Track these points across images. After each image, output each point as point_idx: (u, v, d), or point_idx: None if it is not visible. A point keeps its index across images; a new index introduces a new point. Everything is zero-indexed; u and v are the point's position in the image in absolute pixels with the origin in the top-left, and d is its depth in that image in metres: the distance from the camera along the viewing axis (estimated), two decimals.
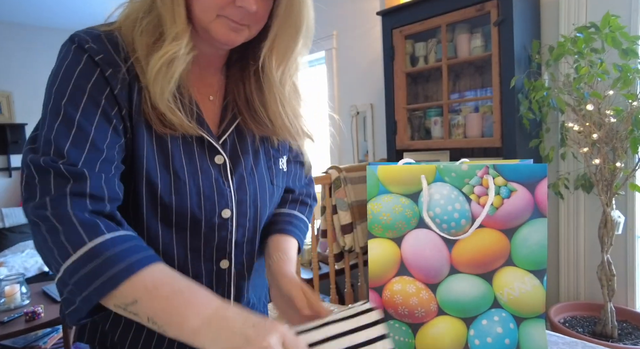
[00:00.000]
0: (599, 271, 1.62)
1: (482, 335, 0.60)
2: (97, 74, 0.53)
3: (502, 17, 1.71)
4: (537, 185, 0.57)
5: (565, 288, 1.90)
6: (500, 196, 0.58)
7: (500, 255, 0.59)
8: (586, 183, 1.69)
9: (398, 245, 0.61)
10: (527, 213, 0.58)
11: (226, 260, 0.64)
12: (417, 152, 2.14)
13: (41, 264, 3.11)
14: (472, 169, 0.57)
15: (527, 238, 0.58)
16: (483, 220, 0.58)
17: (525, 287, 0.59)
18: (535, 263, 0.58)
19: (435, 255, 0.60)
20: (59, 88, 0.52)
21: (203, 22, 0.55)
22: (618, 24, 1.52)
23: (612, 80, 1.54)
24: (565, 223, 1.89)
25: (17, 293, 2.30)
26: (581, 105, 1.61)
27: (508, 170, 0.57)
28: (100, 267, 0.46)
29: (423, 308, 0.61)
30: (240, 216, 0.63)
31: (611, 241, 1.60)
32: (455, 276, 0.60)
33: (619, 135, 1.56)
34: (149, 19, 0.55)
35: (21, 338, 2.48)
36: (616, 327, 1.59)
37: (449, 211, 0.58)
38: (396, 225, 0.60)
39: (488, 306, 0.60)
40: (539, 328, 0.59)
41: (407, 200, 0.59)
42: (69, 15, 3.71)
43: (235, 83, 0.66)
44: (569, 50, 1.61)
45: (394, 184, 0.60)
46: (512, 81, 1.67)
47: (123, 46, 0.55)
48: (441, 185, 0.58)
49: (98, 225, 0.48)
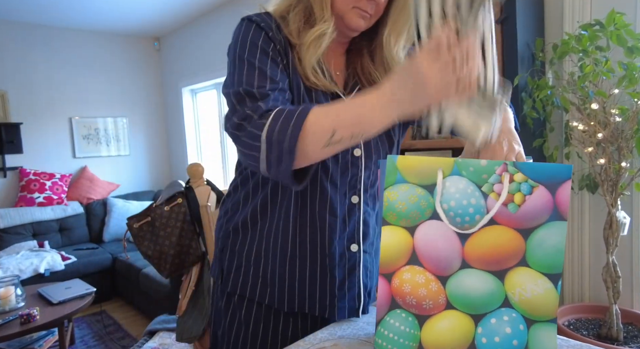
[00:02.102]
0: (604, 273, 1.60)
1: (490, 334, 0.59)
2: (264, 35, 0.72)
3: (505, 14, 1.69)
4: (559, 186, 0.56)
5: (570, 290, 1.88)
6: (521, 193, 0.57)
7: (514, 254, 0.58)
8: (591, 183, 1.67)
9: (411, 234, 0.61)
10: (546, 215, 0.56)
11: (356, 196, 0.80)
12: (418, 152, 2.11)
13: (36, 266, 3.09)
14: (490, 165, 0.58)
15: (544, 240, 0.57)
16: (499, 218, 0.58)
17: (538, 289, 0.57)
18: (550, 266, 0.57)
19: (447, 247, 0.60)
20: (240, 49, 0.71)
21: (341, 11, 0.73)
22: (623, 21, 1.50)
23: (617, 79, 1.52)
24: (569, 224, 1.87)
25: (12, 295, 2.29)
26: (586, 104, 1.59)
27: (531, 169, 0.56)
28: (287, 118, 0.62)
29: (431, 300, 0.60)
30: (367, 158, 0.80)
31: (616, 242, 1.58)
32: (467, 271, 0.60)
33: (624, 135, 1.54)
34: (299, 8, 0.75)
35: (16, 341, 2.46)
36: (622, 330, 1.57)
37: (463, 206, 0.59)
38: (410, 215, 0.61)
39: (498, 304, 0.59)
40: (550, 332, 0.58)
41: (423, 190, 0.61)
42: (65, 13, 3.68)
43: (354, 62, 0.84)
44: (573, 48, 1.59)
45: (412, 174, 0.61)
46: (516, 79, 1.65)
47: (277, 24, 0.75)
48: (458, 179, 0.59)
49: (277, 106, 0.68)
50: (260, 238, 0.80)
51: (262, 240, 0.80)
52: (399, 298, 0.62)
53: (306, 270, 0.79)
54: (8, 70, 3.77)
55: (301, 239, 0.78)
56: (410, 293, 0.61)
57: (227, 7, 3.61)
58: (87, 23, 3.98)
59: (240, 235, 0.82)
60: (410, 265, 0.61)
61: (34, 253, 3.28)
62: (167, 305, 2.77)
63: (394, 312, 0.62)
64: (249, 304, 0.82)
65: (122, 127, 4.42)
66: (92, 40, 4.23)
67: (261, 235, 0.80)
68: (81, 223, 3.90)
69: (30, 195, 3.67)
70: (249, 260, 0.81)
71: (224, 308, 0.85)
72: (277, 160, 0.63)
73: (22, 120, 3.82)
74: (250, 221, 0.81)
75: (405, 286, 0.61)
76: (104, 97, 4.32)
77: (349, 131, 0.61)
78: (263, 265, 0.80)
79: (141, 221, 1.21)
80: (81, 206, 3.92)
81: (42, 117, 3.95)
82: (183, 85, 4.29)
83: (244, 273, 0.81)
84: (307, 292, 0.79)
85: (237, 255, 0.82)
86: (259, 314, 0.81)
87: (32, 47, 3.89)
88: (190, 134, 4.40)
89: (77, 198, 3.96)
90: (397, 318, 0.62)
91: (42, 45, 3.95)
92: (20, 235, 3.51)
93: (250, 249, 0.81)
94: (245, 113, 0.66)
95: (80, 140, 4.15)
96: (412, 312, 0.61)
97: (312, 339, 0.74)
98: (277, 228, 0.79)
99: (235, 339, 0.82)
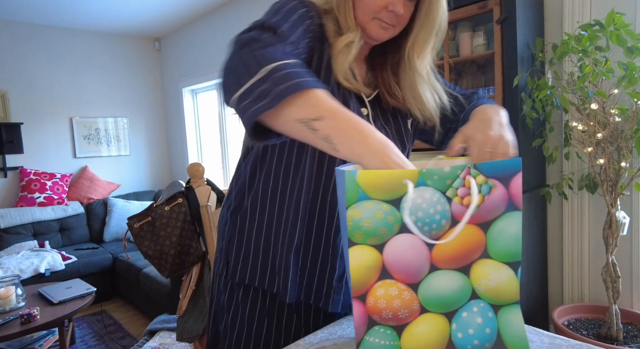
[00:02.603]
0: (604, 273, 1.60)
1: (464, 327, 0.61)
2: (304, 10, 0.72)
3: (505, 14, 1.69)
4: (511, 179, 0.58)
5: (569, 290, 1.88)
6: (481, 195, 0.58)
7: (477, 248, 0.60)
8: (590, 183, 1.67)
9: (380, 251, 0.59)
10: (502, 207, 0.59)
11: None
12: (417, 152, 2.11)
13: (37, 265, 3.09)
14: (453, 170, 0.57)
15: (503, 231, 0.59)
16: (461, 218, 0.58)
17: (502, 277, 0.60)
18: (510, 255, 0.60)
19: (416, 256, 0.59)
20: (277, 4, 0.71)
21: (362, 22, 0.75)
22: (623, 21, 1.50)
23: (617, 79, 1.52)
24: (569, 224, 1.87)
25: (13, 295, 2.29)
26: (585, 104, 1.59)
27: (486, 167, 0.58)
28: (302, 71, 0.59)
29: (406, 308, 0.60)
30: None
31: (616, 242, 1.58)
32: (435, 273, 0.60)
33: (623, 135, 1.54)
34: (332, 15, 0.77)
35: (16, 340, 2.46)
36: (621, 330, 1.57)
37: (430, 214, 0.58)
38: (378, 232, 0.58)
39: (467, 298, 0.61)
40: (516, 313, 0.61)
41: (389, 206, 0.57)
42: (66, 14, 3.68)
43: (377, 70, 0.85)
44: (573, 49, 1.59)
45: (375, 190, 0.57)
46: (515, 80, 1.65)
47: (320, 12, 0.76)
48: (424, 189, 0.57)
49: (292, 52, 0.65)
50: (269, 224, 0.80)
51: (272, 225, 0.80)
52: (376, 315, 0.60)
53: (308, 258, 0.79)
54: (9, 70, 3.77)
55: (309, 226, 0.78)
56: (385, 307, 0.60)
57: (227, 7, 3.61)
58: (88, 23, 3.98)
59: (248, 220, 0.82)
60: (382, 280, 0.59)
61: (35, 253, 3.28)
62: (167, 305, 2.77)
63: (372, 330, 0.61)
64: (254, 297, 0.81)
65: (123, 127, 4.42)
66: (93, 40, 4.23)
67: (270, 220, 0.80)
68: (82, 223, 3.89)
69: (31, 195, 3.67)
70: (258, 247, 0.81)
71: (227, 303, 0.84)
72: (260, 95, 0.56)
73: (22, 120, 3.82)
74: (260, 203, 0.81)
75: (380, 302, 0.60)
76: (105, 97, 4.33)
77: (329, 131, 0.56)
78: (272, 253, 0.80)
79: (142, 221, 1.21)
80: (82, 206, 3.92)
81: (42, 117, 3.94)
82: (183, 85, 4.30)
83: (252, 261, 0.81)
84: (305, 281, 0.80)
85: (246, 243, 0.82)
86: (262, 308, 0.81)
87: (33, 47, 3.89)
88: (191, 134, 4.40)
89: (77, 198, 3.96)
90: (376, 335, 0.60)
91: (43, 45, 3.95)
92: (21, 235, 3.51)
93: (258, 235, 0.81)
94: (263, 38, 0.62)
95: (81, 140, 4.15)
96: (390, 325, 0.61)
97: (312, 339, 0.74)
98: (287, 214, 0.78)
99: (239, 334, 0.82)
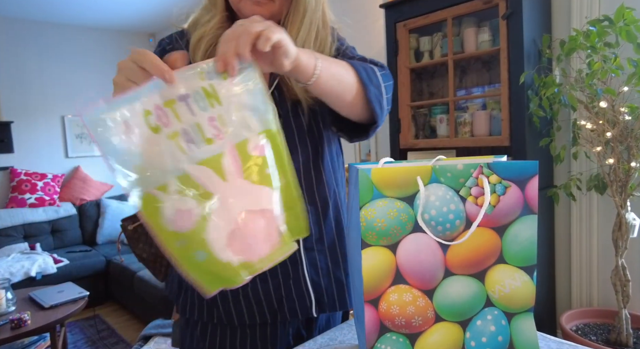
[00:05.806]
0: (613, 276, 1.57)
1: (478, 336, 0.60)
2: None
3: (511, 9, 1.65)
4: (528, 182, 0.58)
5: (578, 294, 1.85)
6: (496, 194, 0.58)
7: (492, 253, 0.59)
8: (599, 184, 1.65)
9: (393, 252, 0.59)
10: (518, 211, 0.58)
11: None
12: (421, 152, 2.07)
13: (28, 269, 3.03)
14: (466, 168, 0.57)
15: (518, 235, 0.59)
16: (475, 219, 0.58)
17: (516, 283, 0.59)
18: (525, 259, 0.59)
19: (430, 258, 0.59)
20: None
21: (234, 5, 0.73)
22: (633, 17, 1.48)
23: (627, 76, 1.50)
24: (577, 225, 1.83)
25: (3, 299, 2.25)
26: (594, 102, 1.56)
27: (501, 167, 0.57)
28: None
29: (420, 316, 0.59)
30: None
31: (626, 244, 1.55)
32: (450, 279, 0.60)
33: (633, 134, 1.52)
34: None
35: (6, 346, 2.41)
36: (631, 335, 1.54)
37: (444, 213, 0.58)
38: (391, 231, 0.58)
39: (481, 306, 0.60)
40: (528, 321, 0.60)
41: (402, 203, 0.57)
42: (57, 8, 3.63)
43: None
44: (581, 45, 1.56)
45: (389, 187, 0.57)
46: (522, 77, 1.62)
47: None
48: (437, 186, 0.57)
49: None
50: None
51: None
52: (388, 321, 0.59)
53: None
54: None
55: None
56: (399, 314, 0.59)
57: None
58: (80, 18, 3.92)
59: None
60: (395, 285, 0.59)
61: (25, 256, 3.22)
62: (162, 309, 2.73)
63: (384, 337, 0.60)
64: (202, 324, 0.81)
65: None
66: (86, 36, 4.16)
67: None
68: (74, 224, 3.84)
69: (22, 195, 3.61)
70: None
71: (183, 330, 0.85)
72: None
73: (12, 119, 3.74)
74: None
75: (393, 308, 0.59)
76: (98, 94, 4.24)
77: None
78: None
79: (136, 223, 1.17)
80: (74, 208, 3.86)
81: (33, 115, 3.87)
82: None
83: (190, 296, 0.80)
84: (252, 300, 0.77)
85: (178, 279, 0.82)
86: (214, 332, 0.80)
87: (24, 43, 3.83)
88: None
89: (69, 199, 3.89)
90: (387, 342, 0.60)
91: (34, 41, 3.88)
92: (11, 237, 3.45)
93: None
94: None
95: (73, 139, 4.09)
96: (402, 332, 0.60)
97: (311, 344, 0.73)
98: None
99: None
